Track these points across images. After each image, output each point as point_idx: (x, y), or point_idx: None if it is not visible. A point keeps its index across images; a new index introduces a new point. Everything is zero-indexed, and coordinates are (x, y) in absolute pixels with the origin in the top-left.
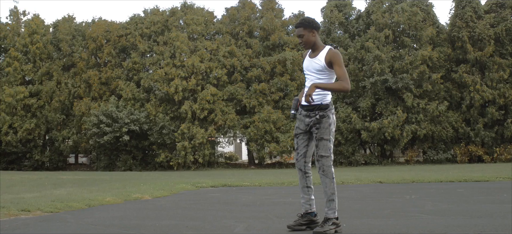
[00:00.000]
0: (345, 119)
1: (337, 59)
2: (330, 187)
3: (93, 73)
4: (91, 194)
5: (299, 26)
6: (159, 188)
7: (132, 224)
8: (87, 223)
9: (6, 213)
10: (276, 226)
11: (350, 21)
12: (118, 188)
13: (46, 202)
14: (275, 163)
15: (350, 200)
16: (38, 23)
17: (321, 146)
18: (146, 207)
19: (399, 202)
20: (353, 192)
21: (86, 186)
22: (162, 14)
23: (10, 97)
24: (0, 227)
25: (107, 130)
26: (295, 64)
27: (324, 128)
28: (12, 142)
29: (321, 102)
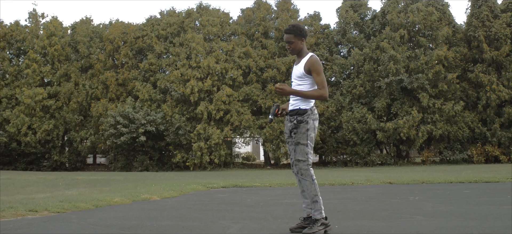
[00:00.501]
0: (360, 120)
1: (315, 67)
2: (310, 189)
3: (110, 75)
4: (101, 195)
5: (289, 33)
6: (170, 189)
7: (131, 224)
8: (89, 223)
9: (14, 213)
10: (271, 227)
11: (365, 21)
12: (129, 189)
13: (54, 203)
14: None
15: (353, 201)
16: (56, 25)
17: (297, 151)
18: (150, 208)
19: (400, 204)
20: (359, 193)
21: (99, 187)
22: (178, 16)
23: (29, 98)
24: (2, 227)
25: (124, 131)
26: None
27: (301, 133)
28: (31, 143)
29: (299, 107)
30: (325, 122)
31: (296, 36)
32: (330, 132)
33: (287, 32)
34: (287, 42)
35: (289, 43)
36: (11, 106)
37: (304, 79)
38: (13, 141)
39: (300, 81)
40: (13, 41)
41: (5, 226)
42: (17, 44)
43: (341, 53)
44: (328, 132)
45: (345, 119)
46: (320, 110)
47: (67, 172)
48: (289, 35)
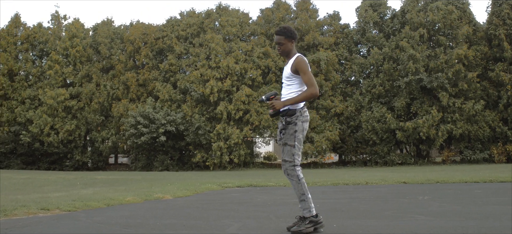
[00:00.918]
0: (379, 119)
1: (301, 66)
2: (297, 188)
3: (131, 75)
4: (115, 194)
5: (280, 34)
6: (184, 188)
7: (136, 222)
8: (95, 222)
9: (26, 212)
10: (270, 226)
11: (385, 20)
12: (144, 188)
13: (66, 202)
14: (311, 163)
15: (360, 201)
16: (78, 27)
17: (285, 151)
18: (160, 207)
19: (407, 203)
20: (369, 193)
21: (115, 186)
22: (198, 16)
23: (51, 99)
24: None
25: (144, 131)
26: (330, 64)
27: (289, 134)
28: (53, 143)
29: (289, 108)
30: (344, 122)
31: (287, 37)
32: (349, 131)
33: (278, 33)
34: (277, 43)
35: (279, 44)
36: (34, 107)
37: (292, 79)
38: (36, 141)
39: (288, 82)
40: (36, 43)
41: (15, 223)
42: (40, 46)
43: (360, 53)
44: (347, 131)
45: (365, 119)
46: (339, 110)
47: (88, 172)
48: (280, 37)
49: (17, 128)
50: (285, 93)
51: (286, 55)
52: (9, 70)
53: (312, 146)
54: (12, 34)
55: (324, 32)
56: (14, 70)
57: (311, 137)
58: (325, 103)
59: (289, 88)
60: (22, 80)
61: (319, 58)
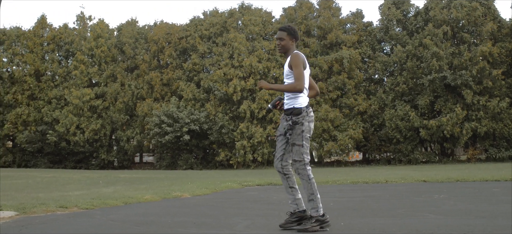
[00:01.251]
0: (403, 117)
1: (293, 60)
2: (307, 188)
3: (155, 75)
4: (134, 192)
5: (283, 30)
6: (204, 187)
7: (148, 220)
8: (109, 219)
9: (45, 209)
10: (278, 224)
11: (408, 18)
12: (164, 187)
13: (85, 200)
14: (334, 161)
15: (375, 199)
16: (103, 27)
17: (294, 151)
18: (175, 205)
19: (421, 202)
20: (386, 192)
21: (136, 185)
22: (221, 16)
23: (77, 99)
24: (28, 221)
25: (168, 130)
26: (353, 62)
27: (296, 134)
28: (79, 142)
29: (293, 106)
30: (368, 120)
31: (289, 35)
32: (373, 130)
33: (281, 29)
34: (279, 38)
35: (280, 39)
36: (60, 107)
37: (290, 76)
38: (63, 140)
39: (287, 79)
40: (62, 44)
41: (32, 221)
42: (65, 46)
43: (383, 51)
44: (371, 130)
45: (388, 117)
46: (363, 108)
47: (113, 171)
48: (283, 32)
49: (44, 128)
50: (286, 94)
51: (284, 51)
52: (36, 70)
53: (336, 144)
54: (39, 35)
55: (347, 30)
56: (40, 70)
57: (334, 136)
58: (348, 101)
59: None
60: (49, 80)
61: (342, 56)
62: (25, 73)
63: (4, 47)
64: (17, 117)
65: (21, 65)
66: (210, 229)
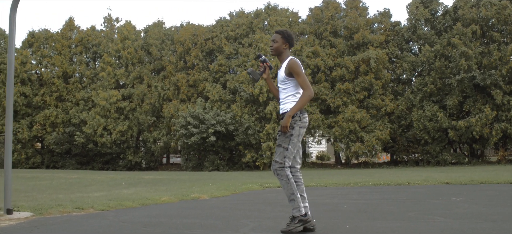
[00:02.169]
0: (431, 118)
1: (294, 68)
2: (286, 188)
3: (181, 76)
4: (154, 194)
5: (278, 33)
6: (224, 188)
7: (157, 221)
8: (121, 221)
9: (61, 210)
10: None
11: (436, 17)
12: (184, 188)
13: (103, 201)
14: (361, 163)
15: (390, 202)
16: (130, 29)
17: (277, 152)
18: (190, 207)
19: (436, 204)
20: (405, 194)
21: (157, 186)
22: (247, 16)
23: (104, 100)
24: (43, 222)
25: (194, 131)
26: (380, 62)
27: (284, 136)
28: (106, 144)
29: (287, 110)
30: (395, 121)
31: (283, 38)
32: (400, 130)
33: (276, 32)
34: (272, 40)
35: (273, 41)
36: (87, 108)
37: (286, 83)
38: (90, 141)
39: (283, 85)
40: (90, 45)
41: (46, 221)
42: (93, 48)
43: (411, 50)
44: (398, 131)
45: (416, 118)
46: (390, 109)
47: (139, 172)
48: (277, 35)
49: (72, 129)
50: (283, 97)
51: (277, 54)
52: (64, 72)
53: (362, 145)
54: (67, 37)
55: (374, 30)
56: (68, 72)
57: (361, 137)
58: (375, 102)
59: (285, 91)
60: (76, 82)
61: (369, 57)
62: (53, 75)
63: (33, 49)
64: (46, 118)
65: (49, 67)
66: (215, 230)
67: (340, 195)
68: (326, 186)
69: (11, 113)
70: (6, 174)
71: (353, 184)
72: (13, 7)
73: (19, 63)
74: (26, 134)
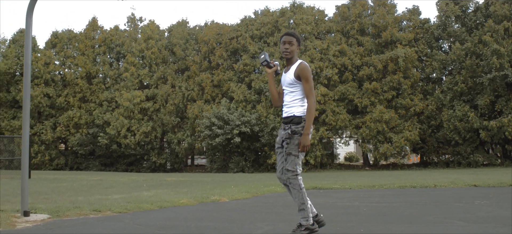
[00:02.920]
0: (462, 118)
1: (305, 73)
2: (298, 197)
3: (206, 76)
4: (173, 196)
5: (293, 35)
6: (245, 191)
7: (172, 224)
8: (136, 223)
9: (78, 213)
10: None
11: (467, 14)
12: (206, 190)
13: (121, 203)
14: (390, 164)
15: (411, 205)
16: (153, 29)
17: (289, 161)
18: (207, 209)
19: (458, 208)
20: (429, 196)
21: (179, 188)
22: (272, 15)
23: (127, 101)
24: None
25: (218, 132)
26: (408, 61)
27: (293, 144)
28: (130, 145)
29: (294, 114)
30: (425, 121)
31: (297, 40)
32: (430, 131)
33: (290, 34)
34: (288, 42)
35: (289, 43)
36: (111, 109)
37: (295, 86)
38: (114, 143)
39: (291, 88)
40: (113, 46)
41: (62, 224)
42: (116, 48)
43: (441, 48)
44: (428, 131)
45: (446, 118)
46: (419, 109)
47: (163, 174)
48: (292, 38)
49: (95, 130)
50: (289, 100)
51: (290, 57)
52: (87, 73)
53: (391, 146)
54: (90, 38)
55: (402, 28)
56: (92, 73)
57: (390, 138)
58: (404, 101)
59: (292, 95)
60: (100, 82)
61: (397, 55)
62: (77, 76)
63: (56, 50)
64: (69, 119)
65: (73, 68)
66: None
67: (362, 198)
68: (350, 189)
69: (27, 116)
70: (23, 176)
71: (378, 187)
72: (29, 10)
73: (43, 64)
74: (50, 136)
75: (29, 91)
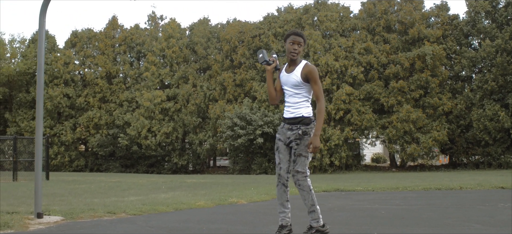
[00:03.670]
0: (492, 118)
1: (314, 76)
2: (308, 199)
3: (228, 75)
4: (191, 198)
5: (301, 36)
6: (264, 193)
7: (184, 227)
8: (148, 226)
9: (92, 215)
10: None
11: (498, 9)
12: (225, 192)
13: (136, 206)
14: (417, 165)
15: (432, 208)
16: (174, 27)
17: (299, 162)
18: (223, 212)
19: (479, 211)
20: (452, 199)
21: (197, 190)
22: (296, 12)
23: (148, 101)
24: (71, 226)
25: (241, 133)
26: (436, 59)
27: (304, 145)
28: (151, 146)
29: (302, 115)
30: (454, 121)
31: (304, 42)
32: (459, 131)
33: (299, 35)
34: (297, 42)
35: (299, 44)
36: (131, 109)
37: (301, 87)
38: (134, 144)
39: (297, 90)
40: (133, 45)
41: (74, 225)
42: (137, 47)
43: (471, 45)
44: (457, 131)
45: (476, 117)
46: (448, 108)
47: (184, 175)
48: (300, 38)
49: (115, 131)
50: (294, 101)
51: (296, 58)
52: (107, 72)
53: (418, 147)
54: (110, 37)
55: (430, 24)
56: (112, 72)
57: (417, 138)
58: (432, 100)
59: (298, 96)
60: (120, 82)
61: (425, 53)
62: (97, 76)
63: (76, 49)
64: (89, 120)
65: (92, 67)
66: None
67: (383, 200)
68: (373, 191)
69: (41, 118)
70: (36, 178)
71: (402, 189)
72: (42, 12)
73: (62, 64)
74: (70, 136)
75: (42, 94)
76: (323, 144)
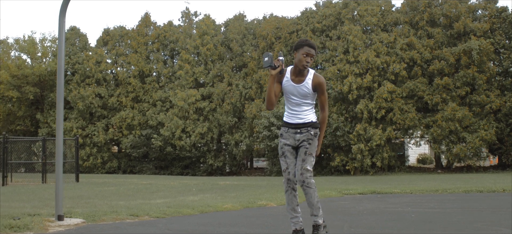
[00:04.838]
0: None
1: (324, 87)
2: (314, 196)
3: (264, 73)
4: (219, 201)
5: (315, 48)
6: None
7: (204, 230)
8: (167, 229)
9: (114, 218)
10: None
11: None
12: (256, 195)
13: (160, 208)
14: (464, 166)
15: (465, 212)
16: (209, 24)
17: (308, 161)
18: (248, 215)
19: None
20: (490, 203)
21: (228, 192)
22: (335, 7)
23: (182, 101)
24: (90, 229)
25: (278, 133)
26: (484, 54)
27: (314, 145)
28: (185, 147)
29: (312, 120)
30: (502, 119)
31: (316, 53)
32: (508, 130)
33: (312, 46)
34: (310, 55)
35: (311, 57)
36: (165, 109)
37: (309, 97)
38: (168, 145)
39: (305, 99)
40: (167, 42)
41: (93, 228)
42: (170, 45)
43: None
44: (506, 130)
45: None
46: (496, 106)
47: (218, 177)
48: (314, 50)
49: (149, 132)
50: (301, 110)
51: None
52: (140, 71)
53: (465, 147)
54: (143, 34)
55: (477, 18)
56: (145, 71)
57: (463, 137)
58: (479, 98)
59: (306, 105)
60: (153, 81)
61: (471, 48)
62: (129, 74)
63: (108, 47)
64: (122, 120)
65: (125, 66)
66: None
67: (417, 203)
68: (410, 193)
69: (61, 119)
70: (57, 180)
71: (441, 191)
72: (62, 12)
73: (94, 63)
74: (102, 137)
75: (62, 92)
76: (364, 144)
